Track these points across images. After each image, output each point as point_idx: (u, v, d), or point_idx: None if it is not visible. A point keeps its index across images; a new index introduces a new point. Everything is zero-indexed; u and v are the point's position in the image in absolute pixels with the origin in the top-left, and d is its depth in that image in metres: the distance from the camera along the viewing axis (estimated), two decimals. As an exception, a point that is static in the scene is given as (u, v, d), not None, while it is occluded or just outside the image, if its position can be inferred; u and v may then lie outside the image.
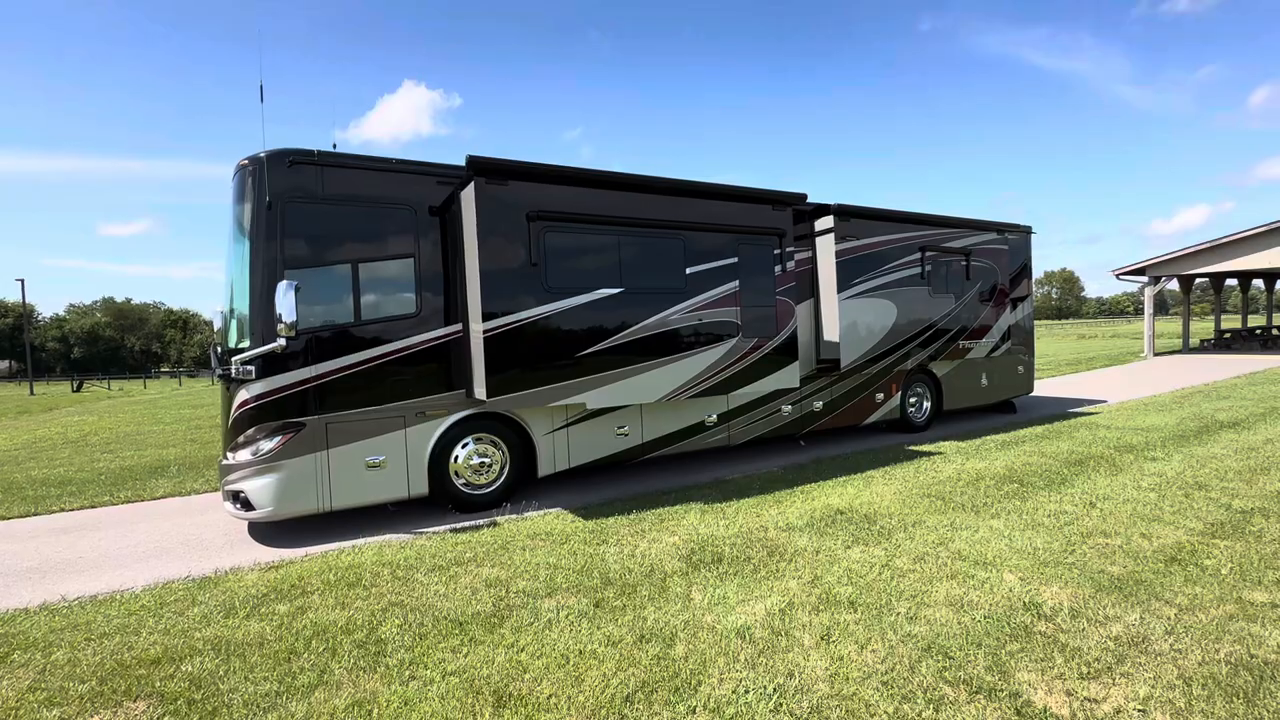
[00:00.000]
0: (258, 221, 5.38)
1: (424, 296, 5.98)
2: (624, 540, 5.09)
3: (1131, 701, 2.74)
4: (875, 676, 2.99)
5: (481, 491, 6.31)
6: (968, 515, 5.44)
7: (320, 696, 2.98)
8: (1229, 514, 5.22)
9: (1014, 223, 10.93)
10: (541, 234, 5.92)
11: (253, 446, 5.44)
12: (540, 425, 6.55)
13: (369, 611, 3.90)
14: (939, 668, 3.05)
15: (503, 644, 3.42)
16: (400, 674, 3.16)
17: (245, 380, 5.38)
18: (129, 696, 3.05)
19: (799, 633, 3.43)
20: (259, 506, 5.40)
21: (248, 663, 3.32)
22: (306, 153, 5.48)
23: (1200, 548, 4.49)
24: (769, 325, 7.26)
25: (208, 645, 3.52)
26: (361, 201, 5.70)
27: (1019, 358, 11.27)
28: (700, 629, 3.51)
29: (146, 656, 3.42)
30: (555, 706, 2.84)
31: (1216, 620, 3.42)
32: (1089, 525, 5.04)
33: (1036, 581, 3.99)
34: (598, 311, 6.21)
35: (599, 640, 3.42)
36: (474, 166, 5.61)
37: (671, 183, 6.73)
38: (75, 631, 3.81)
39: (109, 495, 7.57)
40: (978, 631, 3.37)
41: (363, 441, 5.70)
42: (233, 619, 3.88)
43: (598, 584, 4.21)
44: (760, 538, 5.01)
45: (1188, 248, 22.10)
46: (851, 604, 3.76)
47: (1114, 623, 3.42)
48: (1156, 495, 5.81)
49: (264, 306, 5.29)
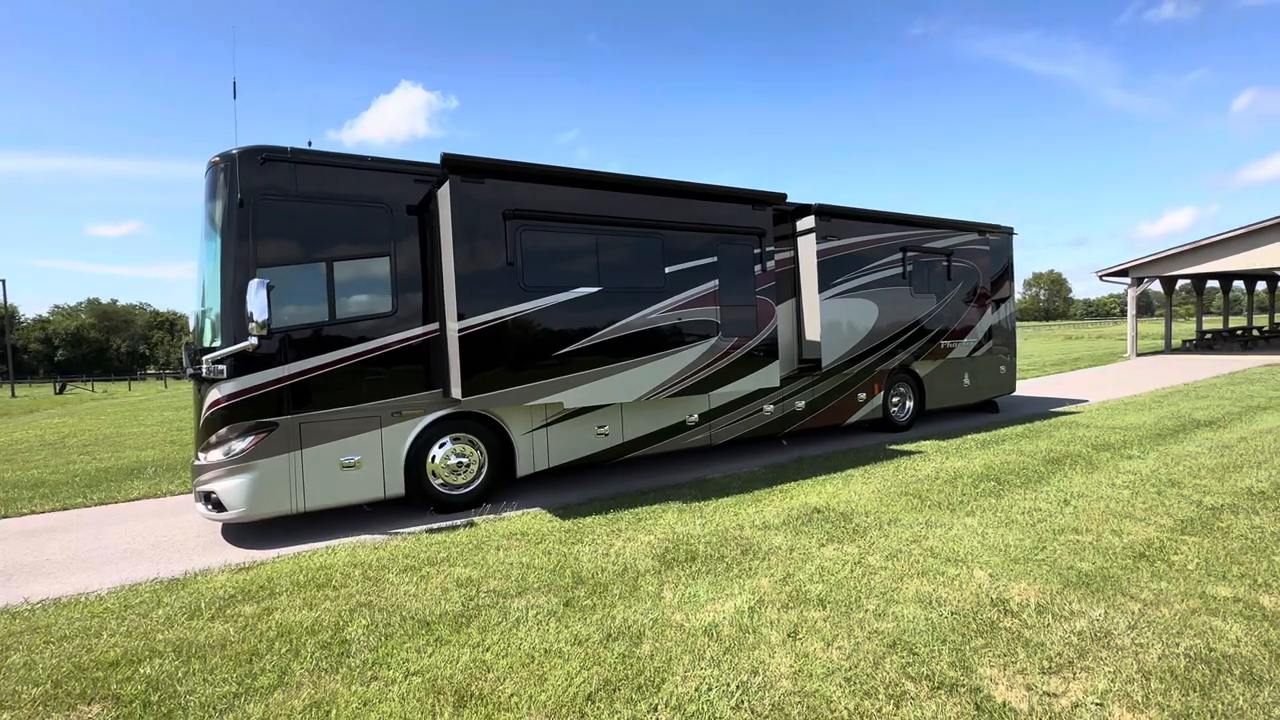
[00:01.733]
0: (229, 219, 5.32)
1: (400, 295, 5.94)
2: (599, 539, 5.07)
3: (1090, 695, 2.75)
4: (839, 673, 2.99)
5: (459, 492, 6.26)
6: (943, 513, 5.46)
7: (278, 698, 2.94)
8: (1199, 510, 5.27)
9: (995, 224, 11.01)
10: (518, 233, 5.89)
11: (225, 447, 5.37)
12: (519, 425, 6.52)
13: (336, 612, 3.86)
14: (903, 664, 3.05)
15: (468, 643, 3.40)
16: (362, 674, 3.12)
17: (216, 380, 5.32)
18: (83, 699, 3.00)
19: (766, 630, 3.43)
20: (231, 508, 5.34)
21: (208, 664, 3.27)
22: (279, 150, 5.43)
23: (1169, 544, 4.52)
24: (749, 325, 7.26)
25: (169, 647, 3.47)
26: (336, 199, 5.65)
27: (1001, 358, 11.34)
28: (668, 627, 3.50)
29: (105, 659, 3.36)
30: (516, 705, 2.82)
31: (1179, 615, 3.44)
32: (1062, 522, 5.07)
33: (1006, 578, 4.01)
34: (575, 311, 6.18)
35: (565, 639, 3.40)
36: (449, 164, 5.58)
37: (650, 182, 6.72)
38: (35, 634, 3.74)
39: (81, 497, 7.45)
40: (944, 628, 3.38)
41: (337, 442, 5.64)
42: (197, 620, 3.82)
43: (569, 583, 4.19)
44: (735, 536, 5.01)
45: (1170, 249, 22.35)
46: (821, 601, 3.75)
47: (1079, 618, 3.44)
48: (1130, 493, 5.86)
49: (236, 305, 5.23)
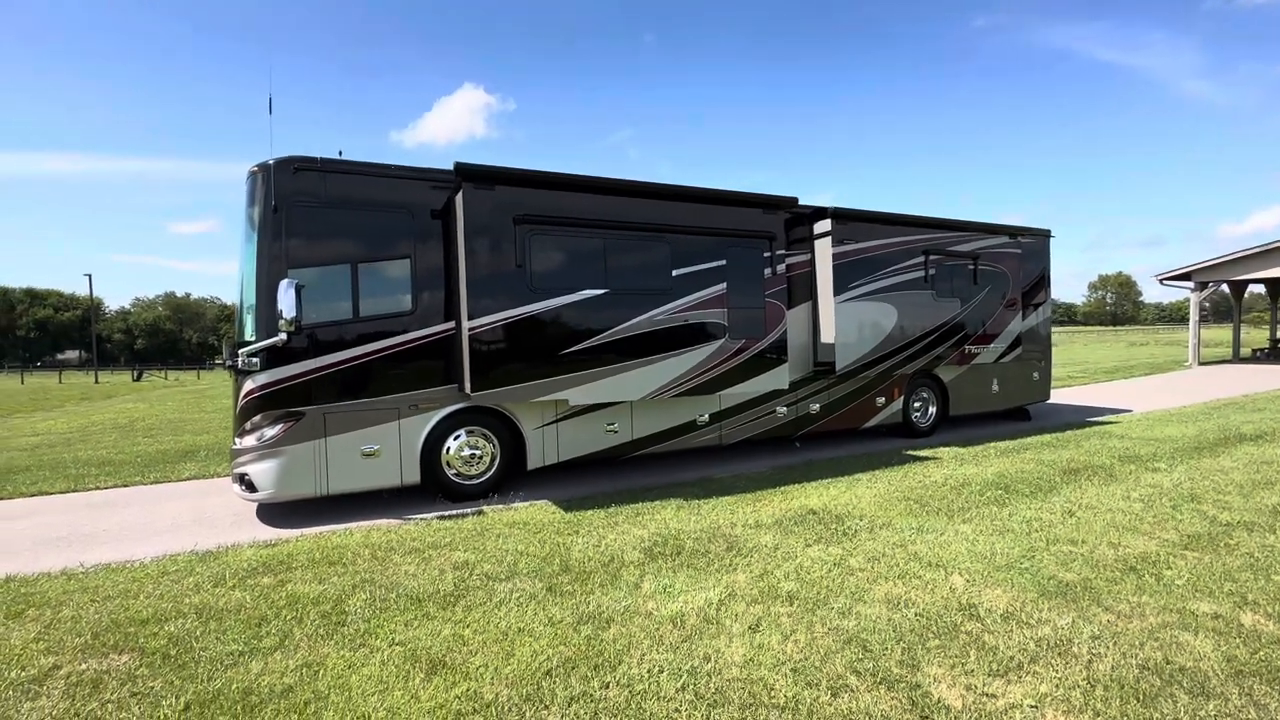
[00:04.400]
0: (264, 223, 5.79)
1: (420, 295, 6.31)
2: (594, 531, 5.30)
3: (1027, 699, 2.81)
4: (788, 664, 3.13)
5: (472, 482, 6.61)
6: (939, 519, 5.45)
7: (277, 658, 3.29)
8: (1211, 526, 5.11)
9: (1029, 226, 10.69)
10: (527, 236, 6.18)
11: (258, 433, 5.86)
12: (530, 420, 6.82)
13: (341, 586, 4.21)
14: (853, 659, 3.16)
15: (452, 620, 3.68)
16: (353, 642, 3.44)
17: (251, 371, 5.80)
18: (115, 650, 3.42)
19: (729, 621, 3.58)
20: (261, 489, 5.82)
21: (223, 626, 3.66)
22: (310, 159, 5.87)
23: (1166, 558, 4.43)
24: (757, 327, 7.36)
25: (192, 610, 3.89)
26: (361, 205, 6.06)
27: (1033, 364, 11.01)
28: (637, 615, 3.70)
29: (138, 617, 3.80)
30: (480, 676, 3.07)
31: (1149, 628, 3.42)
32: (1058, 533, 5.01)
33: (982, 584, 4.03)
34: (582, 311, 6.43)
35: (540, 620, 3.64)
36: (462, 172, 5.91)
37: (658, 187, 6.90)
38: (84, 593, 4.24)
39: (140, 476, 8.19)
40: (904, 628, 3.46)
41: (358, 431, 6.06)
42: (220, 588, 4.25)
43: (556, 570, 4.43)
44: (725, 533, 5.15)
45: (1238, 252, 21.02)
46: (790, 598, 3.88)
47: (1043, 625, 3.46)
48: (1143, 506, 5.71)
49: (268, 303, 5.69)
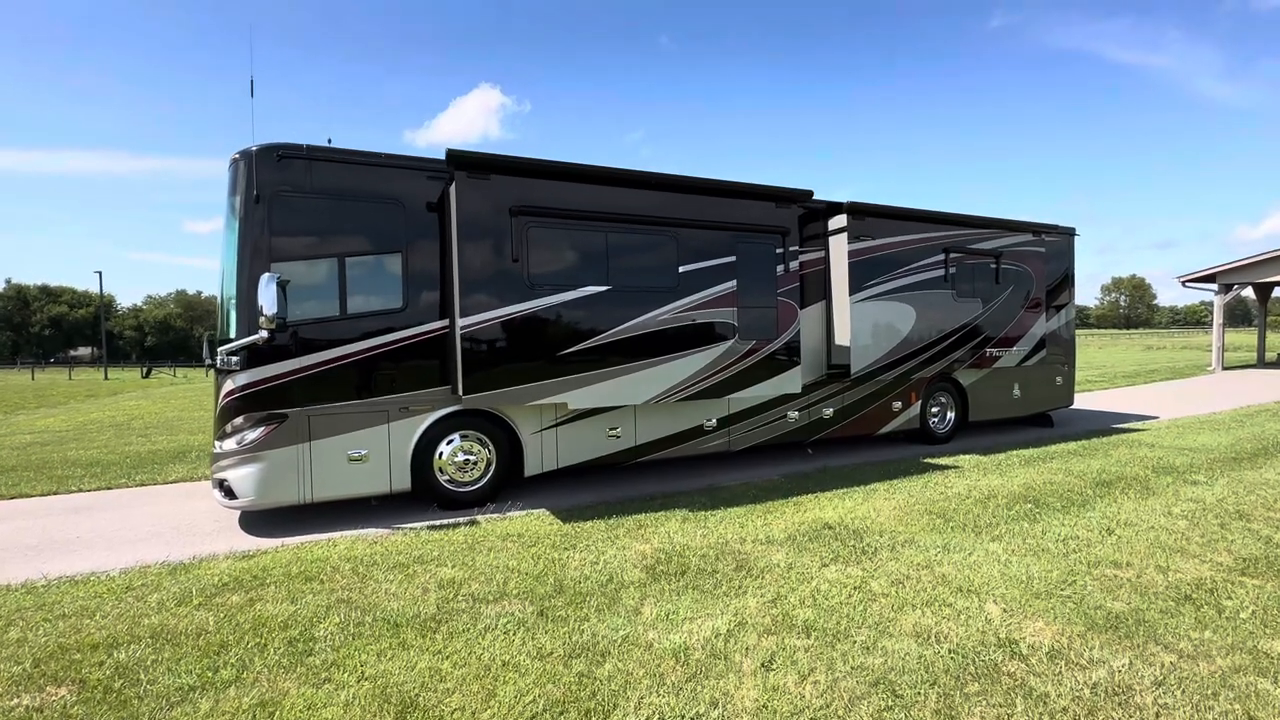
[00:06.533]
0: (246, 214, 5.45)
1: (412, 291, 5.96)
2: (593, 546, 4.92)
3: (1090, 763, 2.41)
4: (807, 712, 2.73)
5: (466, 489, 6.25)
6: (966, 536, 5.04)
7: (231, 694, 2.93)
8: (1267, 548, 4.67)
9: (1053, 224, 10.22)
10: (525, 229, 5.81)
11: (238, 436, 5.52)
12: (528, 424, 6.45)
13: (314, 607, 3.86)
14: (880, 707, 2.76)
15: (430, 649, 3.31)
16: (317, 675, 3.08)
17: (231, 371, 5.47)
18: (54, 681, 3.08)
19: (739, 657, 3.19)
20: (241, 495, 5.48)
21: (177, 654, 3.31)
22: (295, 147, 5.53)
23: (1223, 585, 4.00)
24: (769, 327, 6.96)
25: (149, 633, 3.54)
26: (349, 196, 5.71)
27: (1056, 368, 10.54)
28: (636, 646, 3.31)
29: (89, 641, 3.46)
30: (455, 722, 2.70)
31: (1219, 672, 3.00)
32: (1099, 554, 4.58)
33: (1020, 615, 3.62)
34: (582, 310, 6.06)
35: (528, 652, 3.27)
36: (454, 161, 5.55)
37: (664, 178, 6.51)
38: (39, 611, 3.90)
39: (126, 478, 7.88)
40: (938, 668, 3.06)
41: (345, 435, 5.71)
42: (184, 607, 3.90)
43: (549, 591, 4.06)
44: (734, 550, 4.76)
45: (1265, 253, 20.36)
46: (807, 628, 3.48)
47: (1097, 668, 3.05)
48: (1187, 523, 5.26)
49: (249, 299, 5.35)
